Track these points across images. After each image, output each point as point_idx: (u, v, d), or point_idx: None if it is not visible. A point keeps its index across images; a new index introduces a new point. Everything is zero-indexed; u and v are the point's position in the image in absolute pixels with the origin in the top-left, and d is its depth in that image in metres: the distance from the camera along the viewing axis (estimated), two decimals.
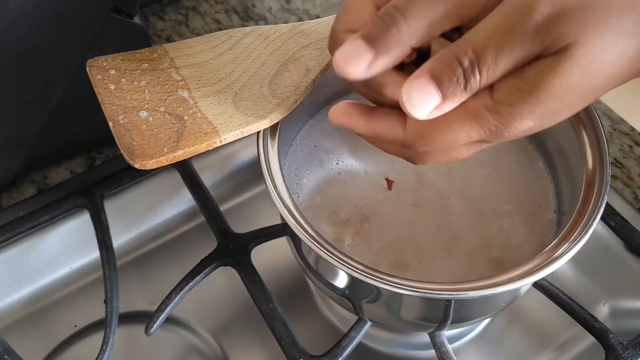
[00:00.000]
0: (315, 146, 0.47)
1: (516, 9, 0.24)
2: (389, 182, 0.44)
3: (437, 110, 0.26)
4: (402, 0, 0.26)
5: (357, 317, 0.45)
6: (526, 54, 0.25)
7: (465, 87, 0.25)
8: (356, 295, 0.41)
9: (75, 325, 0.52)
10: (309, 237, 0.36)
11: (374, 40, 0.26)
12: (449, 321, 0.41)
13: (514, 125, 0.26)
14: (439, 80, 0.25)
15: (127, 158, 0.38)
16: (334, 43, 0.30)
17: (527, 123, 0.26)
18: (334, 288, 0.41)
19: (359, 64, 0.26)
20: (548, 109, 0.26)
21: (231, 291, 0.53)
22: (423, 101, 0.26)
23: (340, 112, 0.32)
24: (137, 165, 0.38)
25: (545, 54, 0.25)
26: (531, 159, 0.46)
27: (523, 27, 0.24)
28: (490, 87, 0.26)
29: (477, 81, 0.25)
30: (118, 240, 0.53)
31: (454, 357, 0.44)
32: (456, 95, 0.26)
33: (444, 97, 0.26)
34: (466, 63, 0.25)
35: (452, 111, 0.27)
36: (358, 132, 0.32)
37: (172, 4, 0.65)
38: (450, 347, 0.44)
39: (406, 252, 0.42)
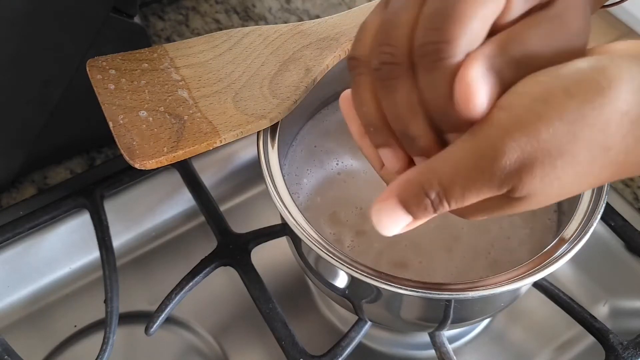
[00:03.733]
0: (315, 146, 0.47)
1: (483, 149, 0.24)
2: None
3: (409, 227, 0.27)
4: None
5: (357, 317, 0.45)
6: (493, 192, 0.25)
7: (435, 211, 0.26)
8: (356, 295, 0.41)
9: (75, 325, 0.52)
10: (309, 237, 0.36)
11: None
12: (449, 321, 0.41)
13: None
14: (407, 206, 0.26)
15: (127, 158, 0.38)
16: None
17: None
18: (334, 288, 0.41)
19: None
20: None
21: (231, 291, 0.53)
22: (393, 223, 0.27)
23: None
24: (137, 165, 0.38)
25: (510, 195, 0.25)
26: None
27: (491, 170, 0.24)
28: None
29: (446, 208, 0.26)
30: (118, 240, 0.53)
31: (454, 357, 0.44)
32: (426, 216, 0.26)
33: (414, 217, 0.27)
34: (433, 195, 0.25)
35: None
36: None
37: (172, 4, 0.65)
38: (450, 347, 0.44)
39: (406, 252, 0.42)
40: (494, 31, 0.25)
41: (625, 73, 0.24)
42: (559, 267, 0.35)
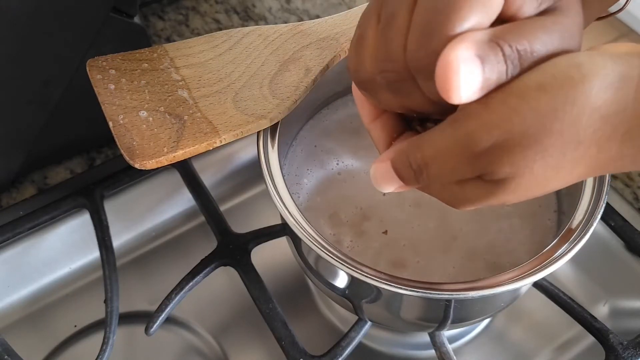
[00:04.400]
0: (315, 146, 0.47)
1: (459, 137, 0.26)
2: None
3: (402, 189, 0.30)
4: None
5: (357, 317, 0.45)
6: (465, 176, 0.27)
7: (419, 182, 0.28)
8: (356, 295, 0.41)
9: (75, 325, 0.52)
10: (309, 237, 0.36)
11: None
12: (449, 321, 0.41)
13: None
14: (397, 171, 0.29)
15: (127, 158, 0.38)
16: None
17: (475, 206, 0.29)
18: (334, 288, 0.41)
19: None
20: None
21: (231, 291, 0.53)
22: (387, 183, 0.30)
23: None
24: (137, 165, 0.38)
25: (484, 179, 0.27)
26: None
27: (464, 155, 0.26)
28: None
29: (425, 181, 0.28)
30: (118, 240, 0.53)
31: (454, 357, 0.44)
32: (413, 184, 0.29)
33: (404, 182, 0.29)
34: (415, 167, 0.28)
35: None
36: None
37: (172, 4, 0.65)
38: (450, 347, 0.44)
39: (405, 252, 0.42)
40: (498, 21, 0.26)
41: (600, 69, 0.24)
42: (559, 267, 0.35)
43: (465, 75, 0.24)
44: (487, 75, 0.24)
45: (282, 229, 0.48)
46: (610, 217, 0.50)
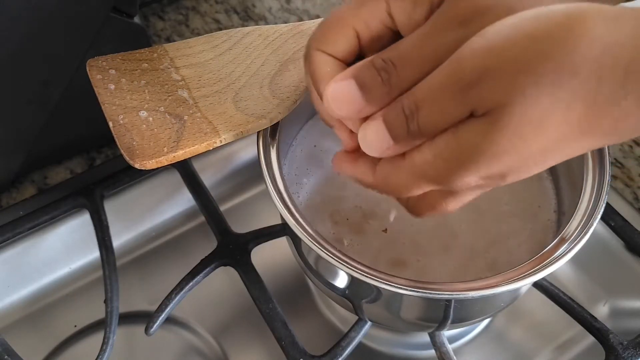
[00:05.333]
0: (315, 146, 0.47)
1: (450, 67, 0.26)
2: None
3: (389, 151, 0.29)
4: (396, 56, 0.27)
5: (357, 317, 0.45)
6: (457, 114, 0.26)
7: (409, 134, 0.27)
8: (356, 295, 0.41)
9: (75, 325, 0.52)
10: (309, 237, 0.36)
11: (368, 91, 0.28)
12: (449, 321, 0.41)
13: (455, 181, 0.28)
14: (389, 125, 0.28)
15: (127, 158, 0.38)
16: (307, 59, 0.33)
17: (468, 180, 0.27)
18: (334, 288, 0.41)
19: (349, 109, 0.29)
20: (489, 171, 0.27)
21: (231, 291, 0.53)
22: (376, 141, 0.28)
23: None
24: (137, 165, 0.38)
25: (476, 115, 0.26)
26: None
27: (453, 87, 0.25)
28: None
29: (417, 130, 0.27)
30: (118, 240, 0.53)
31: (454, 357, 0.44)
32: (404, 140, 0.28)
33: (394, 139, 0.28)
34: (407, 112, 0.27)
35: (401, 161, 0.29)
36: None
37: (172, 4, 0.65)
38: (450, 347, 0.44)
39: (405, 251, 0.42)
40: None
41: (597, 6, 0.25)
42: (559, 267, 0.35)
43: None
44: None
45: (282, 229, 0.48)
46: (610, 217, 0.50)
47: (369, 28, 0.31)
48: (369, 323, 0.45)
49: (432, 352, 0.45)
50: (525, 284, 0.35)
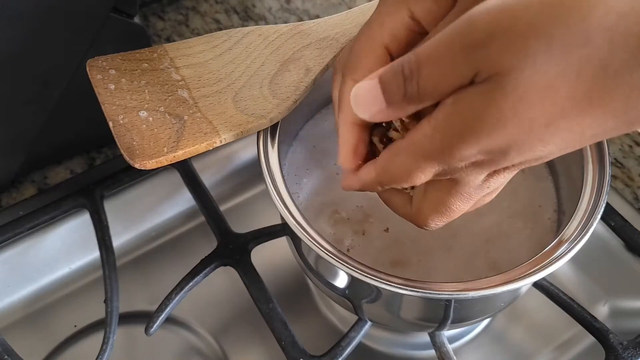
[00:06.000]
0: (314, 146, 0.47)
1: (461, 25, 0.24)
2: None
3: (380, 115, 0.27)
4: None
5: (357, 317, 0.45)
6: (461, 75, 0.25)
7: (404, 96, 0.26)
8: (356, 295, 0.41)
9: (75, 325, 0.52)
10: (309, 237, 0.36)
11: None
12: (449, 321, 0.41)
13: (455, 154, 0.26)
14: (384, 86, 0.27)
15: (127, 158, 0.38)
16: (343, 89, 0.33)
17: (468, 153, 0.26)
18: (334, 288, 0.41)
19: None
20: (490, 143, 0.25)
21: (231, 291, 0.53)
22: (367, 101, 0.27)
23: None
24: (137, 165, 0.38)
25: (478, 80, 0.25)
26: None
27: (461, 44, 0.24)
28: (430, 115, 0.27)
29: (414, 92, 0.26)
30: (118, 240, 0.53)
31: (454, 357, 0.44)
32: (397, 103, 0.27)
33: (387, 102, 0.27)
34: (407, 71, 0.26)
35: (400, 142, 0.28)
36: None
37: (172, 4, 0.65)
38: (450, 347, 0.44)
39: (405, 250, 0.42)
40: None
41: None
42: (559, 267, 0.35)
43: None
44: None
45: (282, 229, 0.48)
46: (610, 217, 0.50)
47: (396, 39, 0.31)
48: (369, 323, 0.45)
49: (432, 352, 0.45)
50: (525, 284, 0.35)
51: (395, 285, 0.35)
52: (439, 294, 0.35)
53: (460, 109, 0.25)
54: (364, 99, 0.27)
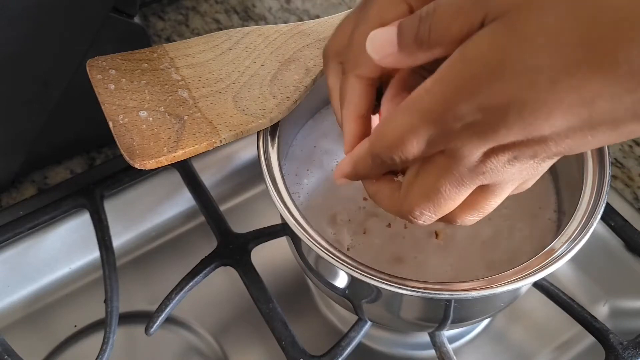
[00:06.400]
0: (314, 146, 0.47)
1: None
2: None
3: (390, 58, 0.28)
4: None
5: (357, 317, 0.45)
6: (468, 18, 0.24)
7: (416, 38, 0.27)
8: (356, 295, 0.41)
9: (75, 325, 0.52)
10: (309, 237, 0.36)
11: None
12: (449, 321, 0.41)
13: (451, 108, 0.25)
14: (401, 29, 0.27)
15: (127, 158, 0.38)
16: (344, 84, 0.33)
17: (465, 108, 0.25)
18: (334, 288, 0.41)
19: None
20: (489, 97, 0.24)
21: (231, 291, 0.53)
22: (382, 45, 0.28)
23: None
24: (137, 165, 0.38)
25: (486, 22, 0.24)
26: None
27: None
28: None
29: (426, 35, 0.26)
30: (118, 240, 0.53)
31: (454, 357, 0.44)
32: (408, 46, 0.27)
33: (399, 45, 0.28)
34: (424, 13, 0.26)
35: (400, 104, 0.28)
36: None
37: (172, 4, 0.65)
38: (450, 347, 0.44)
39: (405, 248, 0.42)
40: None
41: None
42: (559, 267, 0.35)
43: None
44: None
45: (282, 229, 0.48)
46: (610, 217, 0.50)
47: None
48: (369, 323, 0.45)
49: (432, 352, 0.45)
50: (525, 284, 0.35)
51: (396, 285, 0.35)
52: (439, 294, 0.35)
53: (462, 55, 0.24)
54: (379, 42, 0.28)
